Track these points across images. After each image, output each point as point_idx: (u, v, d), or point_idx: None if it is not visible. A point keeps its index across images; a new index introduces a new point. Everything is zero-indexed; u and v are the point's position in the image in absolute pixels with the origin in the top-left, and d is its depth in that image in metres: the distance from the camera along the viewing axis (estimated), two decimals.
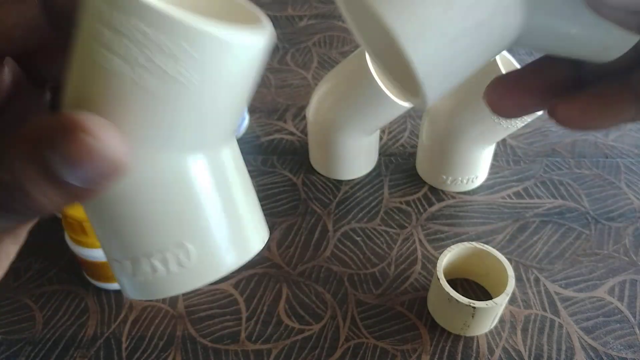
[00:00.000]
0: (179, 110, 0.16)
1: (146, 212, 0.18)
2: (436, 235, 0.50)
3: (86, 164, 0.15)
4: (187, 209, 0.18)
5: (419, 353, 0.42)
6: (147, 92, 0.16)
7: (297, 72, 0.67)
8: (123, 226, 0.18)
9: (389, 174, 0.55)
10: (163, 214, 0.18)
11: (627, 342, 0.43)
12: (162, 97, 0.16)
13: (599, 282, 0.46)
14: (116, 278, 0.20)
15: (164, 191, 0.18)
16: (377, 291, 0.46)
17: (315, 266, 0.48)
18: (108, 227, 0.19)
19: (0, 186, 0.16)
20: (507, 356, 0.42)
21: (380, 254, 0.49)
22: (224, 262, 0.19)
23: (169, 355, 0.42)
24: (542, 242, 0.49)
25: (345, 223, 0.51)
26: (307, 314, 0.45)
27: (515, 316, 0.44)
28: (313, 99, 0.51)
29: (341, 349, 0.42)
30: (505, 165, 0.56)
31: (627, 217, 0.51)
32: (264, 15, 0.18)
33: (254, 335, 0.43)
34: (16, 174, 0.16)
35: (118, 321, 0.45)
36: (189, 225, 0.19)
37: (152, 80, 0.15)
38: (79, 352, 0.43)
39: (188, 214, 0.18)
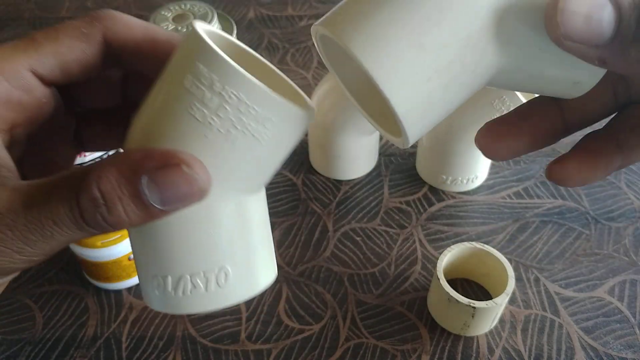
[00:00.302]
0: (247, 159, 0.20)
1: (200, 237, 0.21)
2: (436, 235, 0.50)
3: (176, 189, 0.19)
4: (233, 238, 0.22)
5: (419, 353, 0.42)
6: (227, 142, 0.19)
7: (297, 72, 0.67)
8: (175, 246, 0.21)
9: (389, 174, 0.55)
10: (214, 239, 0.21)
11: (627, 342, 0.43)
12: (238, 147, 0.20)
13: (599, 282, 0.46)
14: (147, 291, 0.22)
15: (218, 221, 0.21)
16: (377, 291, 0.46)
17: (315, 266, 0.48)
18: (156, 245, 0.21)
19: (90, 201, 0.19)
20: (507, 356, 0.42)
21: (380, 254, 0.49)
22: (254, 285, 0.23)
23: (169, 355, 0.42)
24: (542, 242, 0.49)
25: (345, 223, 0.51)
26: (307, 314, 0.45)
27: (515, 316, 0.44)
28: (313, 99, 0.51)
29: (341, 349, 0.43)
30: (505, 165, 0.56)
31: (627, 217, 0.51)
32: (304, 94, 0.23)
33: (254, 335, 0.43)
34: (108, 192, 0.19)
35: (118, 321, 0.45)
36: (233, 251, 0.22)
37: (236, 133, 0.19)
38: (79, 352, 0.43)
39: (233, 242, 0.22)
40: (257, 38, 0.72)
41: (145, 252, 0.22)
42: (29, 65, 0.22)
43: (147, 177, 0.19)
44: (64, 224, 0.19)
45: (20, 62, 0.21)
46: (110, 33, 0.23)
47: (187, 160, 0.19)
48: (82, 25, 0.22)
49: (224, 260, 0.22)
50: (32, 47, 0.22)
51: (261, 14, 0.77)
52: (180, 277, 0.21)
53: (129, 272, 0.45)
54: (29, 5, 0.80)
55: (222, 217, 0.21)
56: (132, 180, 0.19)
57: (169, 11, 0.50)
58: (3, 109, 0.22)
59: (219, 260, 0.21)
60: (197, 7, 0.50)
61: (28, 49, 0.22)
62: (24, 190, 0.20)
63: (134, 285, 0.46)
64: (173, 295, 0.22)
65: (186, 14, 0.50)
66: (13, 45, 0.22)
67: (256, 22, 0.75)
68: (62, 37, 0.22)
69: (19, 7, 0.79)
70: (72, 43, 0.22)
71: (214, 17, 0.49)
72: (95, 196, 0.19)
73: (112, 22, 0.23)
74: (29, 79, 0.22)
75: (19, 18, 0.77)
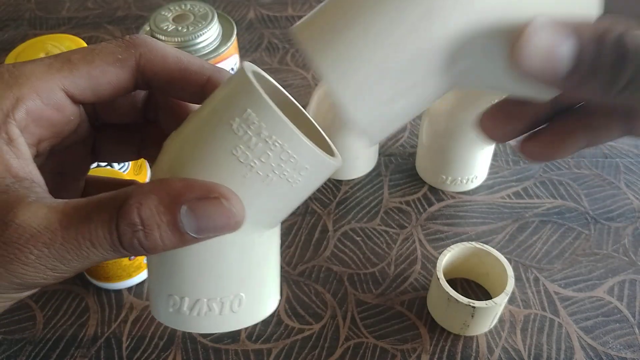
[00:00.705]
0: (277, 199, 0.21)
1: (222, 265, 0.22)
2: (436, 235, 0.50)
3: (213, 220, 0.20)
4: (251, 268, 0.23)
5: (418, 353, 0.42)
6: (263, 183, 0.21)
7: (297, 72, 0.67)
8: (197, 272, 0.22)
9: (388, 174, 0.56)
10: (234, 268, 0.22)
11: (627, 341, 0.43)
12: (271, 189, 0.21)
13: (598, 282, 0.46)
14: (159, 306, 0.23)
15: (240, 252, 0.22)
16: (377, 291, 0.46)
17: (315, 266, 0.48)
18: (178, 268, 0.22)
19: (129, 226, 0.20)
20: (507, 356, 0.42)
21: (380, 254, 0.49)
22: (262, 311, 0.24)
23: (170, 354, 0.42)
24: (542, 242, 0.49)
25: (345, 223, 0.51)
26: (307, 313, 0.45)
27: (515, 316, 0.44)
28: (313, 99, 0.51)
29: (341, 349, 0.43)
30: (504, 165, 0.56)
31: (627, 217, 0.51)
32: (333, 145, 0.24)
33: (254, 334, 0.43)
34: (148, 219, 0.20)
35: (118, 321, 0.45)
36: (249, 280, 0.23)
37: (272, 177, 0.20)
38: (79, 351, 0.43)
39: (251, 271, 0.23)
40: (257, 38, 0.73)
41: (164, 271, 0.23)
42: (62, 85, 0.22)
43: (186, 206, 0.20)
44: (101, 245, 0.20)
45: (54, 82, 0.22)
46: (144, 60, 0.23)
47: (226, 194, 0.20)
48: (118, 50, 0.23)
49: (240, 288, 0.23)
50: (67, 67, 0.22)
51: (261, 14, 0.77)
52: (198, 300, 0.22)
53: (130, 272, 0.45)
54: (29, 5, 0.80)
55: (244, 249, 0.22)
56: (171, 209, 0.20)
57: (169, 11, 0.50)
58: (34, 125, 0.22)
59: (236, 288, 0.23)
60: (197, 7, 0.50)
61: (63, 70, 0.22)
62: (61, 209, 0.20)
63: (134, 285, 0.47)
64: (187, 315, 0.23)
65: (186, 14, 0.50)
66: (48, 64, 0.22)
67: (256, 22, 0.75)
68: (98, 61, 0.23)
69: (19, 7, 0.80)
70: (107, 68, 0.23)
71: (214, 17, 0.50)
72: (135, 222, 0.20)
73: (147, 50, 0.23)
74: (61, 98, 0.23)
75: (19, 18, 0.77)
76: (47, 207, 0.20)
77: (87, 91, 0.23)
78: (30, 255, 0.20)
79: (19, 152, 0.21)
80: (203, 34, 0.48)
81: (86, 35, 0.73)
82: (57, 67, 0.22)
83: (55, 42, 0.39)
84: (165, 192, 0.20)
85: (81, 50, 0.23)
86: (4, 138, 0.21)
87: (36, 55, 0.38)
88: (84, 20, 0.76)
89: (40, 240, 0.20)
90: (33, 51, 0.39)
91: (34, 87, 0.22)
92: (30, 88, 0.22)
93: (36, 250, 0.20)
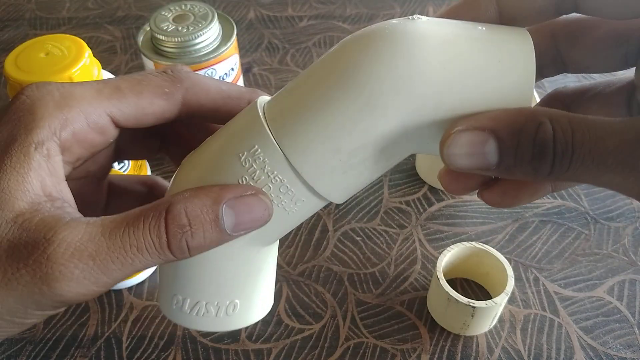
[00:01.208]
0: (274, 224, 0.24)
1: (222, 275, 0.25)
2: (436, 235, 0.50)
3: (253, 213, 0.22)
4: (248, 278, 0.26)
5: (418, 352, 0.42)
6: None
7: (297, 72, 0.67)
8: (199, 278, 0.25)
9: (388, 174, 0.56)
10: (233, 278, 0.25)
11: (627, 341, 0.43)
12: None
13: (598, 282, 0.46)
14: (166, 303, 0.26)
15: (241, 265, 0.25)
16: (377, 291, 0.46)
17: (315, 266, 0.48)
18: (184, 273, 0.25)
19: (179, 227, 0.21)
20: (507, 356, 0.42)
21: (380, 254, 0.49)
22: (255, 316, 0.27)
23: (170, 354, 0.43)
24: (542, 241, 0.49)
25: (345, 223, 0.51)
26: (307, 313, 0.45)
27: (515, 316, 0.44)
28: None
29: (341, 349, 0.43)
30: None
31: (627, 217, 0.51)
32: None
33: (254, 334, 0.44)
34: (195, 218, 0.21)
35: (119, 321, 0.45)
36: (245, 288, 0.26)
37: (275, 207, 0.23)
38: (79, 351, 0.43)
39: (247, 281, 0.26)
40: (257, 38, 0.73)
41: (172, 273, 0.25)
42: (110, 111, 0.23)
43: (225, 205, 0.22)
44: (147, 250, 0.21)
45: (103, 108, 0.23)
46: (190, 94, 0.25)
47: (260, 190, 0.23)
48: (165, 84, 0.24)
49: (236, 295, 0.26)
50: (117, 96, 0.23)
51: (261, 15, 0.77)
52: (197, 302, 0.25)
53: None
54: (29, 5, 0.80)
55: (244, 262, 0.25)
56: (214, 209, 0.22)
57: (169, 11, 0.50)
58: (77, 146, 0.23)
59: (232, 295, 0.26)
60: (198, 7, 0.50)
61: (112, 97, 0.23)
62: (100, 223, 0.21)
63: (134, 285, 0.47)
64: (187, 313, 0.26)
65: (186, 14, 0.50)
66: (98, 89, 0.23)
67: (256, 23, 0.75)
68: (146, 93, 0.24)
69: (19, 7, 0.80)
70: (154, 100, 0.24)
71: (214, 17, 0.50)
72: (184, 223, 0.21)
73: (192, 84, 0.25)
74: (106, 122, 0.24)
75: (19, 18, 0.77)
76: (86, 224, 0.21)
77: (132, 119, 0.24)
78: (75, 270, 0.20)
79: (55, 170, 0.22)
80: (203, 34, 0.48)
81: (86, 36, 0.73)
82: (107, 94, 0.23)
83: (55, 42, 0.39)
84: (206, 195, 0.22)
85: (129, 79, 0.24)
86: (44, 154, 0.22)
87: (36, 55, 0.38)
88: (84, 20, 0.77)
89: (86, 252, 0.20)
90: (33, 51, 0.38)
91: (83, 111, 0.23)
92: (79, 111, 0.23)
93: (81, 264, 0.20)
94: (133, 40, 0.73)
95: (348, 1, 0.79)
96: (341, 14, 0.77)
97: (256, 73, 0.67)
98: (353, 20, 0.76)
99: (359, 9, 0.78)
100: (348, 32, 0.73)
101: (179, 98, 0.25)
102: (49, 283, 0.20)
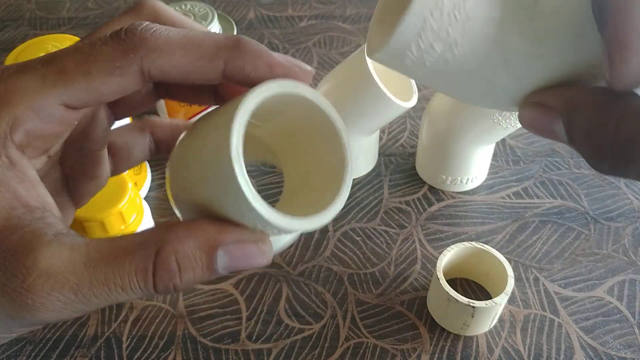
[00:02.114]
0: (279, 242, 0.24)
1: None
2: (436, 235, 0.50)
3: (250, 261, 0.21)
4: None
5: (418, 352, 0.42)
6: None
7: None
8: None
9: (388, 174, 0.56)
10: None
11: (627, 341, 0.43)
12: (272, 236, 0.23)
13: (598, 282, 0.46)
14: None
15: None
16: (377, 291, 0.46)
17: (315, 266, 0.48)
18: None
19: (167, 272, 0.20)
20: (507, 356, 0.42)
21: (380, 254, 0.49)
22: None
23: (170, 354, 0.43)
24: (542, 242, 0.49)
25: (345, 223, 0.51)
26: (307, 313, 0.45)
27: (515, 316, 0.44)
28: None
29: (341, 349, 0.43)
30: (504, 165, 0.56)
31: (627, 217, 0.51)
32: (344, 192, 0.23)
33: (254, 334, 0.44)
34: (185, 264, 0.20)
35: (119, 321, 0.45)
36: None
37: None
38: (79, 351, 0.43)
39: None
40: (257, 38, 0.73)
41: None
42: (60, 100, 0.21)
43: (222, 249, 0.20)
44: (132, 290, 0.20)
45: (51, 98, 0.20)
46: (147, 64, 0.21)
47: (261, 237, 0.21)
48: (117, 56, 0.20)
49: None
50: (63, 81, 0.20)
51: (261, 15, 0.77)
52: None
53: None
54: (29, 5, 0.80)
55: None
56: (209, 253, 0.20)
57: None
58: (36, 141, 0.21)
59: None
60: (198, 7, 0.50)
61: (58, 84, 0.20)
62: (84, 251, 0.20)
63: None
64: None
65: (186, 14, 0.50)
66: (42, 75, 0.20)
67: (256, 23, 0.75)
68: (95, 72, 0.20)
69: (19, 7, 0.80)
70: (106, 78, 0.21)
71: (214, 17, 0.50)
72: (173, 269, 0.20)
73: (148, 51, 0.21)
74: (61, 112, 0.21)
75: (19, 18, 0.77)
76: (69, 249, 0.20)
77: (89, 101, 0.21)
78: (56, 302, 0.19)
79: (25, 175, 0.21)
80: None
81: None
82: (52, 80, 0.20)
83: (55, 42, 0.39)
84: (203, 237, 0.20)
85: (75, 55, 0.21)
86: (5, 163, 0.20)
87: (36, 55, 0.38)
88: (84, 20, 0.77)
89: (67, 286, 0.19)
90: (33, 51, 0.39)
91: (30, 106, 0.20)
92: (26, 107, 0.20)
93: (62, 297, 0.19)
94: None
95: (348, 1, 0.79)
96: (341, 14, 0.77)
97: None
98: (353, 20, 0.76)
99: (359, 9, 0.78)
100: (348, 32, 0.73)
101: (135, 70, 0.21)
102: (30, 312, 0.19)
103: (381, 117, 0.49)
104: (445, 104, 0.49)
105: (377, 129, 0.52)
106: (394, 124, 0.61)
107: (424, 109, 0.54)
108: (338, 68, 0.49)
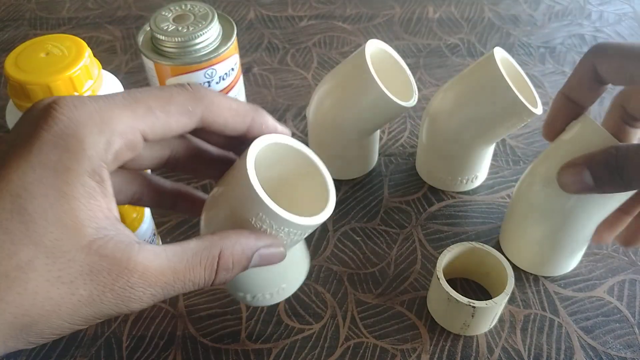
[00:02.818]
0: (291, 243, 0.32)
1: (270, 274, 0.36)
2: (436, 235, 0.50)
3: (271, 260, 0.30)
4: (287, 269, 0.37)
5: (418, 352, 0.42)
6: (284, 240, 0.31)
7: (297, 72, 0.67)
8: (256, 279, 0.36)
9: (388, 174, 0.56)
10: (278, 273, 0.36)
11: (627, 341, 0.43)
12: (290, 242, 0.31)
13: (598, 282, 0.46)
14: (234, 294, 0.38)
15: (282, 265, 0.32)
16: (377, 291, 0.46)
17: (315, 266, 0.48)
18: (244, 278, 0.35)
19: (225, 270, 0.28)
20: (507, 355, 0.42)
21: (380, 254, 0.49)
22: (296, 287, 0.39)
23: (170, 354, 0.43)
24: None
25: (345, 223, 0.51)
26: (307, 313, 0.45)
27: (515, 316, 0.44)
28: (313, 99, 0.51)
29: (341, 349, 0.43)
30: (505, 165, 0.56)
31: None
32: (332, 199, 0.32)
33: (254, 334, 0.44)
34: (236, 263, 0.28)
35: (118, 320, 0.45)
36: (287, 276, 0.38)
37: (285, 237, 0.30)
38: (79, 351, 0.43)
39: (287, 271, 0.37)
40: (257, 38, 0.73)
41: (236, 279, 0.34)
42: (143, 131, 0.26)
43: (257, 252, 0.28)
44: (199, 283, 0.27)
45: (137, 128, 0.26)
46: (207, 112, 0.28)
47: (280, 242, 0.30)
48: (189, 103, 0.27)
49: (282, 282, 0.37)
50: (149, 116, 0.26)
51: (261, 15, 0.77)
52: (255, 294, 0.37)
53: None
54: (29, 5, 0.80)
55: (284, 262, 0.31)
56: (249, 256, 0.28)
57: (169, 11, 0.50)
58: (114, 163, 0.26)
59: (279, 283, 0.37)
60: (198, 7, 0.50)
61: (146, 119, 0.26)
62: (164, 256, 0.26)
63: None
64: (249, 300, 0.38)
65: (186, 14, 0.50)
66: (133, 110, 0.26)
67: (256, 23, 0.75)
68: (174, 112, 0.27)
69: (19, 7, 0.80)
70: (179, 118, 0.27)
71: (214, 17, 0.50)
72: (229, 267, 0.28)
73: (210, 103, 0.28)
74: (138, 140, 0.26)
75: (19, 18, 0.77)
76: (153, 254, 0.25)
77: (159, 135, 0.27)
78: (150, 296, 0.25)
79: (108, 192, 0.25)
80: (203, 34, 0.48)
81: (86, 36, 0.74)
82: (141, 114, 0.26)
83: (55, 42, 0.39)
84: (245, 243, 0.28)
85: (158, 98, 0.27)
86: (97, 181, 0.25)
87: (36, 55, 0.38)
88: (84, 20, 0.77)
89: (159, 283, 0.25)
90: (33, 51, 0.38)
91: (122, 133, 0.25)
92: (119, 134, 0.25)
93: (154, 292, 0.25)
94: (133, 40, 0.73)
95: (348, 1, 0.79)
96: (341, 14, 0.77)
97: (256, 73, 0.67)
98: (353, 20, 0.76)
99: (359, 9, 0.78)
100: (348, 32, 0.73)
101: (199, 115, 0.28)
102: (128, 305, 0.25)
103: (381, 117, 0.49)
104: (445, 104, 0.49)
105: (377, 129, 0.52)
106: (394, 123, 0.61)
107: (424, 109, 0.54)
108: (338, 68, 0.49)
